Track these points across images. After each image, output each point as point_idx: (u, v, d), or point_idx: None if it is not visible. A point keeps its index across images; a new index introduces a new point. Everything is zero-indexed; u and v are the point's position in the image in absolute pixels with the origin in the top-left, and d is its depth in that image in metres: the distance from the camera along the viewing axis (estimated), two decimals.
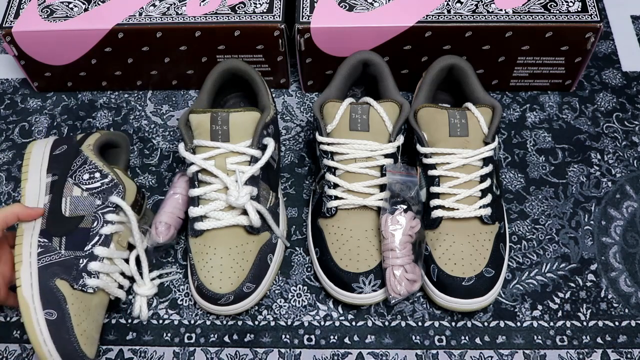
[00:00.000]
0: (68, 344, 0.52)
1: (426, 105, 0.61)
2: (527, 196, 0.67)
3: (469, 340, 0.59)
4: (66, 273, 0.55)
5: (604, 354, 0.58)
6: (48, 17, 0.69)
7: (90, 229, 0.57)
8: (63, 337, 0.52)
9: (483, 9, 0.67)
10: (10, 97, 0.77)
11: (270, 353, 0.59)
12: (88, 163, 0.60)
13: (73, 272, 0.55)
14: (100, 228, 0.57)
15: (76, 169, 0.60)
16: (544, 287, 0.62)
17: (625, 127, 0.71)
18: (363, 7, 0.68)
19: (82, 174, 0.59)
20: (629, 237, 0.64)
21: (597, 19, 0.66)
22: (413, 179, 0.60)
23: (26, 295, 0.52)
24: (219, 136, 0.59)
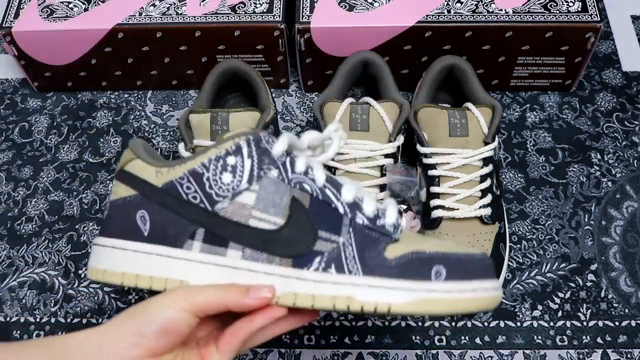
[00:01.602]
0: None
1: (426, 105, 0.61)
2: (527, 196, 0.67)
3: (469, 340, 0.59)
4: (374, 243, 0.41)
5: (604, 354, 0.58)
6: (48, 17, 0.69)
7: (314, 197, 0.42)
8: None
9: (483, 9, 0.67)
10: (10, 97, 0.77)
11: (270, 353, 0.59)
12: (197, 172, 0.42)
13: (373, 234, 0.42)
14: (316, 186, 0.42)
15: (204, 190, 0.41)
16: (544, 287, 0.62)
17: (625, 127, 0.71)
18: (363, 7, 0.68)
19: (216, 183, 0.41)
20: (629, 237, 0.64)
21: (597, 19, 0.66)
22: (413, 179, 0.60)
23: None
24: (219, 136, 0.59)
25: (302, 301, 0.40)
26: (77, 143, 0.73)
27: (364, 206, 0.42)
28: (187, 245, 0.41)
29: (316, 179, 0.43)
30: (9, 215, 0.68)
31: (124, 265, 0.42)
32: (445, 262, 0.40)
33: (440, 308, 0.39)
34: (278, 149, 0.42)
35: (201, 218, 0.41)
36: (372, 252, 0.41)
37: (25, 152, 0.72)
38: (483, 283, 0.41)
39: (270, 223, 0.41)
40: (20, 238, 0.67)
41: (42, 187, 0.70)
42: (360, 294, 0.39)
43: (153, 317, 0.38)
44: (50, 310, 0.62)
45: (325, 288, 0.40)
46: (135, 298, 0.62)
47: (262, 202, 0.41)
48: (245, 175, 0.41)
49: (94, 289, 0.63)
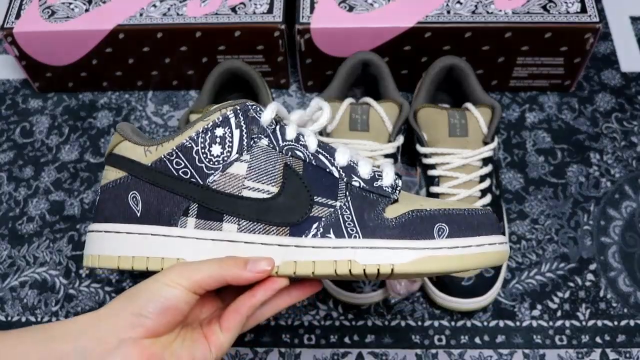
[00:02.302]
0: None
1: (426, 106, 0.62)
2: (526, 196, 0.67)
3: (468, 340, 0.59)
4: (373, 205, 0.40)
5: (602, 354, 0.58)
6: (49, 18, 0.69)
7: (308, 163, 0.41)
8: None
9: (482, 10, 0.67)
10: (12, 98, 0.77)
11: (271, 352, 0.59)
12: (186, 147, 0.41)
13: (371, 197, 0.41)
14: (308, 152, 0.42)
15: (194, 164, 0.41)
16: (543, 286, 0.62)
17: (624, 128, 0.71)
18: (363, 7, 0.68)
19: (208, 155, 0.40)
20: (627, 237, 0.64)
21: (597, 20, 0.66)
22: (413, 179, 0.60)
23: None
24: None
25: (303, 269, 0.39)
26: (78, 143, 0.73)
27: (359, 169, 0.42)
28: (181, 223, 0.41)
29: (308, 145, 0.42)
30: (10, 215, 0.68)
31: (119, 249, 0.41)
32: (447, 219, 0.40)
33: (447, 265, 0.39)
34: (267, 117, 0.41)
35: (193, 193, 0.40)
36: (371, 213, 0.40)
37: (26, 152, 0.73)
38: (489, 238, 0.40)
39: (264, 192, 0.40)
40: (21, 238, 0.67)
41: (43, 187, 0.70)
42: (361, 257, 0.39)
43: (151, 296, 0.37)
44: (51, 309, 0.62)
45: (325, 253, 0.39)
46: None
47: (254, 172, 0.40)
48: (234, 145, 0.40)
49: (95, 289, 0.63)
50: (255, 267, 0.39)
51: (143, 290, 0.37)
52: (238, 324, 0.40)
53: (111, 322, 0.37)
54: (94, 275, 0.64)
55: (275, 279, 0.40)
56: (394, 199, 0.41)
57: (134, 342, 0.36)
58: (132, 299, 0.37)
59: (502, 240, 0.41)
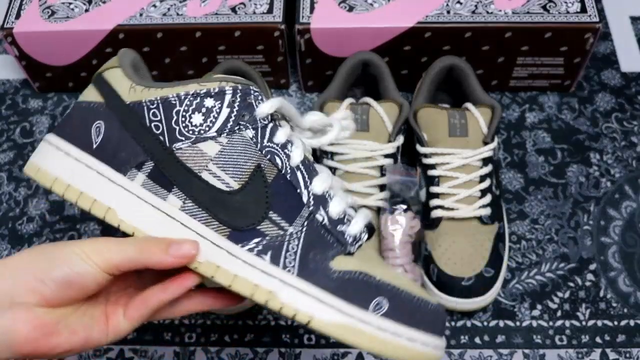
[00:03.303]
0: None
1: (426, 106, 0.62)
2: (526, 196, 0.67)
3: (468, 340, 0.59)
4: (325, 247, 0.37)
5: (602, 354, 0.58)
6: (49, 18, 0.69)
7: (281, 174, 0.38)
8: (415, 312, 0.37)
9: (482, 10, 0.67)
10: (12, 98, 0.77)
11: (271, 352, 0.59)
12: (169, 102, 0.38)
13: (328, 238, 0.38)
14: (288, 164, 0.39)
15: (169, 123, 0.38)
16: (543, 286, 0.62)
17: (624, 128, 0.71)
18: (363, 7, 0.68)
19: (184, 121, 0.38)
20: (627, 237, 0.64)
21: (597, 20, 0.66)
22: (413, 179, 0.60)
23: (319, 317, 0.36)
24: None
25: (222, 277, 0.36)
26: None
27: (331, 204, 0.38)
28: (130, 174, 0.37)
29: (292, 156, 0.38)
30: (10, 215, 0.68)
31: (60, 171, 0.38)
32: (392, 296, 0.36)
33: (366, 344, 0.35)
34: (263, 109, 0.38)
35: (155, 151, 0.37)
36: (317, 255, 0.37)
37: (26, 152, 0.73)
38: (424, 336, 0.36)
39: (223, 183, 0.37)
40: (21, 238, 0.67)
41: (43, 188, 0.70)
42: (284, 294, 0.35)
43: (60, 264, 0.34)
44: None
45: (250, 273, 0.36)
46: None
47: (223, 158, 0.37)
48: (217, 123, 0.37)
49: None
50: (178, 250, 0.35)
51: (54, 255, 0.35)
52: (143, 315, 0.37)
53: (10, 282, 0.34)
54: None
55: (190, 276, 0.37)
56: (349, 250, 0.38)
57: (26, 308, 0.34)
58: (40, 260, 0.34)
59: (437, 343, 0.37)
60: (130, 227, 0.37)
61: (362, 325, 0.35)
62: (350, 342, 0.35)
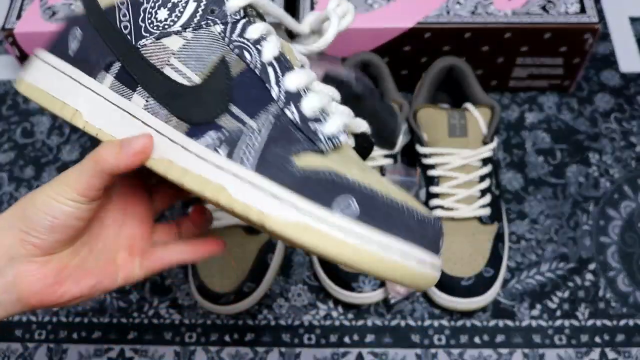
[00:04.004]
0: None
1: (426, 106, 0.62)
2: (525, 196, 0.67)
3: (468, 340, 0.59)
4: (289, 143, 0.34)
5: (602, 353, 0.58)
6: (50, 18, 0.69)
7: (249, 69, 0.35)
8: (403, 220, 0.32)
9: (482, 10, 0.67)
10: (12, 98, 0.77)
11: (271, 352, 0.59)
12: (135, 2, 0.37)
13: (296, 134, 0.34)
14: (258, 59, 0.36)
15: (136, 20, 0.37)
16: (542, 286, 0.62)
17: (623, 128, 0.71)
18: (363, 8, 0.68)
19: (149, 17, 0.36)
20: (627, 237, 0.65)
21: (596, 20, 0.66)
22: (412, 179, 0.60)
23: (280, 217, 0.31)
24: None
25: (173, 173, 0.34)
26: (79, 143, 0.73)
27: (305, 100, 0.35)
28: (99, 77, 0.37)
29: (264, 51, 0.35)
30: None
31: (38, 79, 0.39)
32: (363, 198, 0.31)
33: (327, 246, 0.30)
34: (234, 3, 0.35)
35: (121, 49, 0.36)
36: (280, 150, 0.33)
37: (27, 152, 0.73)
38: (405, 245, 0.31)
39: (185, 77, 0.35)
40: None
41: None
42: (236, 190, 0.32)
43: (38, 212, 0.34)
44: (52, 309, 0.62)
45: (203, 168, 0.33)
46: (137, 297, 0.62)
47: (186, 52, 0.35)
48: (183, 17, 0.35)
49: None
50: (130, 146, 0.34)
51: (31, 205, 0.35)
52: (157, 269, 0.39)
53: (1, 239, 0.35)
54: None
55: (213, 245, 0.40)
56: (319, 148, 0.34)
57: (25, 261, 0.34)
58: (22, 213, 0.35)
59: (425, 258, 0.31)
60: (94, 128, 0.37)
61: (321, 225, 0.30)
62: (306, 243, 0.31)
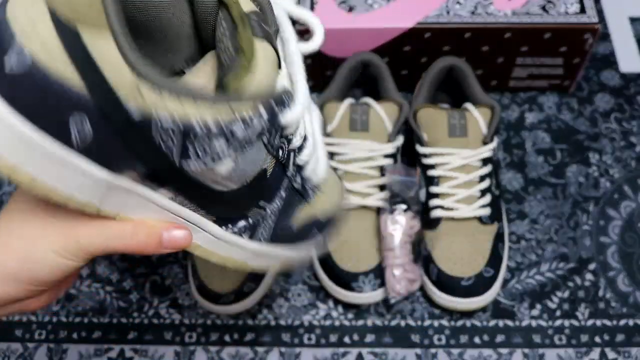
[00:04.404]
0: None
1: (426, 106, 0.62)
2: (525, 196, 0.67)
3: (468, 340, 0.59)
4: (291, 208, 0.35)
5: (601, 353, 0.58)
6: None
7: (279, 162, 0.33)
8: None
9: (482, 11, 0.67)
10: None
11: (271, 352, 0.59)
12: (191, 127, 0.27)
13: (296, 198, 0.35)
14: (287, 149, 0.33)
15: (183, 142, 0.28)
16: (542, 286, 0.62)
17: (623, 128, 0.71)
18: (363, 8, 0.68)
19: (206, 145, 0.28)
20: (627, 237, 0.65)
21: (596, 20, 0.66)
22: (412, 179, 0.60)
23: None
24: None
25: (200, 253, 0.35)
26: None
27: (307, 167, 0.35)
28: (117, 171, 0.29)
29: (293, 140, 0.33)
30: None
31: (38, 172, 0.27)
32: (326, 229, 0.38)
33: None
34: (290, 118, 0.31)
35: (159, 165, 0.28)
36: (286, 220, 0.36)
37: None
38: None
39: (224, 186, 0.31)
40: None
41: None
42: (254, 262, 0.37)
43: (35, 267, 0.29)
44: (52, 309, 0.62)
45: (229, 250, 0.35)
46: (137, 297, 0.62)
47: (234, 172, 0.30)
48: (240, 145, 0.29)
49: (96, 289, 0.63)
50: (172, 243, 0.31)
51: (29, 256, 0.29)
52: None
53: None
54: (95, 275, 0.64)
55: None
56: (307, 201, 0.36)
57: None
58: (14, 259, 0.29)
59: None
60: (111, 213, 0.30)
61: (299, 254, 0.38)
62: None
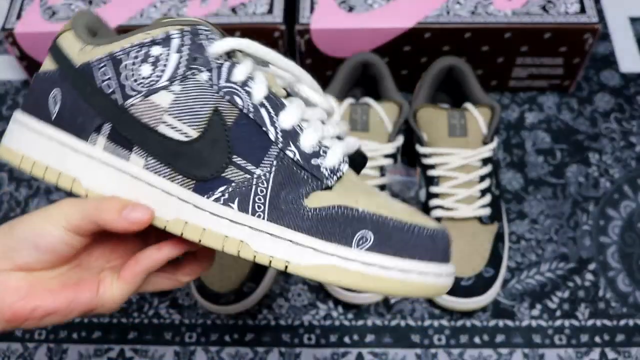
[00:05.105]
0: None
1: (425, 106, 0.62)
2: (525, 196, 0.67)
3: (468, 340, 0.59)
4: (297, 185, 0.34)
5: (601, 353, 0.58)
6: (50, 18, 0.69)
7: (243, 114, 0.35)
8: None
9: (482, 10, 0.67)
10: (13, 98, 0.77)
11: (271, 352, 0.59)
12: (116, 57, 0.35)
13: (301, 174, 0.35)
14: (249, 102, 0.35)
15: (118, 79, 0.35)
16: (542, 286, 0.62)
17: (623, 128, 0.71)
18: (363, 8, 0.68)
19: (133, 74, 0.35)
20: (626, 237, 0.65)
21: (596, 20, 0.66)
22: (412, 179, 0.60)
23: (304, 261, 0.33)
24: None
25: (191, 233, 0.34)
26: None
27: (302, 137, 0.35)
28: (91, 139, 0.36)
29: (253, 92, 0.35)
30: (12, 215, 0.68)
31: (26, 148, 0.37)
32: (377, 228, 0.33)
33: (352, 282, 0.32)
34: (216, 48, 0.35)
35: (109, 111, 0.35)
36: (290, 194, 0.34)
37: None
38: (420, 265, 0.33)
39: (181, 133, 0.34)
40: None
41: (44, 187, 0.70)
42: (256, 242, 0.33)
43: (29, 231, 0.34)
44: None
45: (219, 224, 0.34)
46: (137, 297, 0.62)
47: (177, 107, 0.34)
48: (167, 71, 0.34)
49: None
50: (130, 215, 0.34)
51: (23, 223, 0.35)
52: (135, 276, 0.36)
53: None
54: None
55: (185, 242, 0.35)
56: (326, 184, 0.34)
57: (3, 274, 0.34)
58: (11, 230, 0.35)
59: (440, 271, 0.34)
60: (96, 194, 0.36)
61: (344, 262, 0.32)
62: (334, 282, 0.33)
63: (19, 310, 0.34)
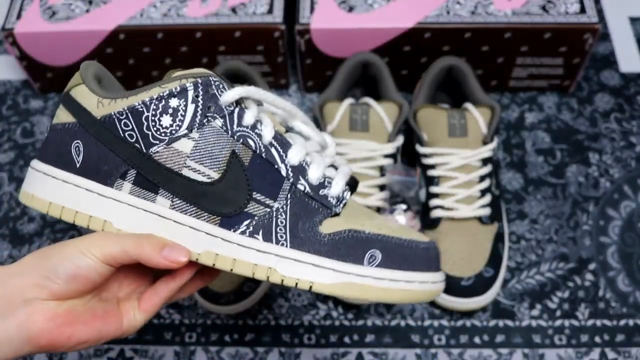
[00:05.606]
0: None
1: (425, 106, 0.62)
2: (525, 196, 0.67)
3: (468, 340, 0.59)
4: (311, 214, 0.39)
5: (601, 353, 0.58)
6: (50, 18, 0.69)
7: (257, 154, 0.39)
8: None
9: (482, 10, 0.67)
10: (13, 98, 0.77)
11: (271, 352, 0.59)
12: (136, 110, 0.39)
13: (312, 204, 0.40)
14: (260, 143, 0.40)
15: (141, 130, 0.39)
16: (542, 286, 0.62)
17: (623, 128, 0.71)
18: (363, 8, 0.68)
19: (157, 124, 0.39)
20: (626, 237, 0.65)
21: (596, 20, 0.66)
22: (412, 179, 0.60)
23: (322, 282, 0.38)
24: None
25: (222, 263, 0.38)
26: None
27: (309, 171, 0.40)
28: (117, 185, 0.39)
29: (263, 134, 0.40)
30: (11, 215, 0.68)
31: (53, 195, 0.40)
32: (382, 246, 0.39)
33: (368, 295, 0.38)
34: (227, 97, 0.39)
35: (134, 159, 0.39)
36: (306, 224, 0.39)
37: (27, 152, 0.73)
38: (421, 275, 0.39)
39: (204, 175, 0.38)
40: (22, 238, 0.67)
41: None
42: (283, 267, 0.38)
43: (63, 261, 0.36)
44: None
45: (248, 254, 0.38)
46: None
47: (199, 152, 0.38)
48: (186, 120, 0.38)
49: None
50: (170, 255, 0.38)
51: (57, 253, 0.37)
52: (156, 305, 0.40)
53: (18, 281, 0.36)
54: None
55: (193, 265, 0.40)
56: (335, 212, 0.39)
57: (39, 302, 0.36)
58: (44, 260, 0.37)
59: (435, 279, 0.40)
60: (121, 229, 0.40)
61: (360, 279, 0.38)
62: (353, 296, 0.38)
63: (55, 338, 0.36)
